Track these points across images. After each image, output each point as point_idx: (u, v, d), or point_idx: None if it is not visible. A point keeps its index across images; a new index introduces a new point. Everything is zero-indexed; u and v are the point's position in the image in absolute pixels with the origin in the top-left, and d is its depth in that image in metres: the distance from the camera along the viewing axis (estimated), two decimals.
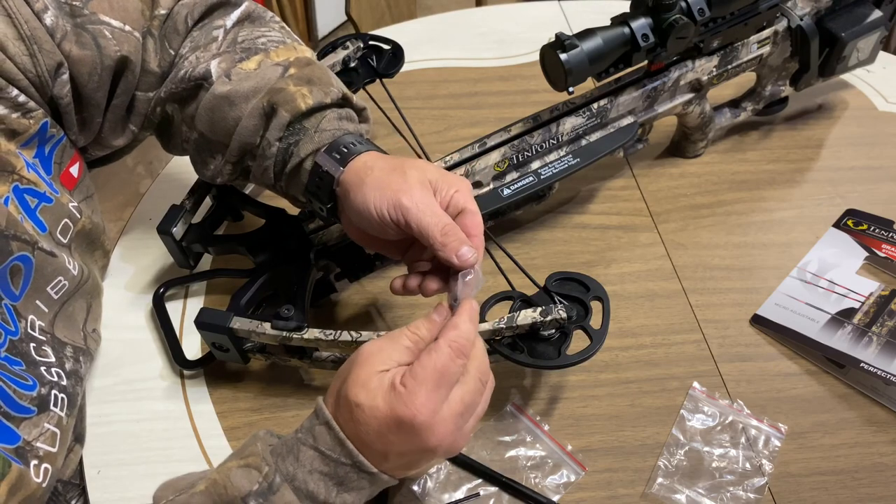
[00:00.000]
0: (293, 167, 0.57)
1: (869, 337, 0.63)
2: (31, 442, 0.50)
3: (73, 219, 0.61)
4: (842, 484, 0.56)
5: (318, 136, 0.56)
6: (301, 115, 0.56)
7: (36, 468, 0.49)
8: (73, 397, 0.55)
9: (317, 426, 0.46)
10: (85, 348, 0.60)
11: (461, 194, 0.53)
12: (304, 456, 0.46)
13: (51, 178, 0.59)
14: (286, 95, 0.56)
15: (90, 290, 0.63)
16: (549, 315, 0.54)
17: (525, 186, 0.69)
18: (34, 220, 0.56)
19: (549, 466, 0.57)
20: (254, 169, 0.60)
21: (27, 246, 0.53)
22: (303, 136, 0.56)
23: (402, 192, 0.51)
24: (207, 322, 0.58)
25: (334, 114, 0.58)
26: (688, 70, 0.73)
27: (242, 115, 0.57)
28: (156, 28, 0.61)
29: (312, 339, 0.56)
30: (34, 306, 0.55)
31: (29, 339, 0.53)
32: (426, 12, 1.16)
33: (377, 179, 0.52)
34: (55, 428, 0.52)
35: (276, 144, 0.57)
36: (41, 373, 0.53)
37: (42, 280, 0.55)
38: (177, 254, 0.68)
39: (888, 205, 0.76)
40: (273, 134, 0.56)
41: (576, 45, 0.64)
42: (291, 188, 0.59)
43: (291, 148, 0.57)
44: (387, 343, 0.47)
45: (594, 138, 0.72)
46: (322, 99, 0.57)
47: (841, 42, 0.76)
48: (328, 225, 0.66)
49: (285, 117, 0.56)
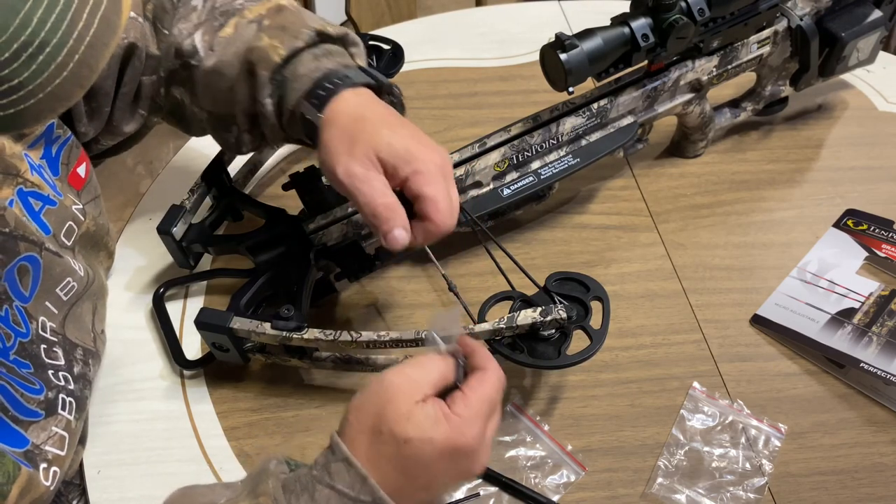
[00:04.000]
0: (288, 121, 0.57)
1: (869, 337, 0.63)
2: (40, 445, 0.50)
3: (77, 221, 0.61)
4: (842, 484, 0.56)
5: (298, 83, 0.56)
6: (278, 67, 0.56)
7: (45, 471, 0.49)
8: (81, 401, 0.55)
9: (333, 463, 0.44)
10: (94, 350, 0.60)
11: (420, 177, 0.51)
12: (320, 495, 0.43)
13: (57, 180, 0.59)
14: (260, 52, 0.56)
15: (96, 292, 0.63)
16: (549, 315, 0.54)
17: (525, 186, 0.69)
18: (38, 223, 0.56)
19: (549, 466, 0.57)
20: (267, 132, 0.60)
21: (34, 247, 0.53)
22: (286, 89, 0.56)
23: (339, 165, 0.51)
24: (207, 322, 0.58)
25: (309, 55, 0.57)
26: (688, 70, 0.73)
27: (232, 83, 0.58)
28: (149, 11, 0.60)
29: (312, 339, 0.56)
30: (44, 308, 0.55)
31: (40, 341, 0.53)
32: (426, 12, 1.16)
33: (327, 144, 0.52)
34: (63, 431, 0.52)
35: (269, 102, 0.57)
36: (48, 377, 0.53)
37: (51, 281, 0.55)
38: (177, 254, 0.68)
39: (888, 205, 0.76)
40: (263, 94, 0.57)
41: (576, 45, 0.64)
42: (297, 133, 0.59)
43: (282, 102, 0.57)
44: (414, 371, 0.46)
45: (594, 138, 0.72)
46: (294, 44, 0.56)
47: (841, 42, 0.76)
48: (328, 225, 0.66)
49: (265, 75, 0.56)
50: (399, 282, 0.71)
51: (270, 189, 0.81)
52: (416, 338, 0.55)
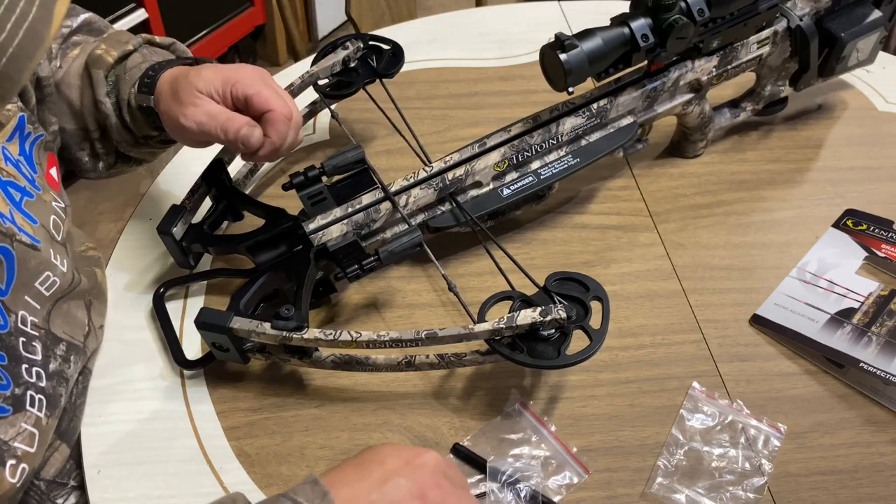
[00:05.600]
0: (128, 112, 0.65)
1: (868, 337, 0.63)
2: (8, 442, 0.50)
3: (61, 217, 0.61)
4: (841, 484, 0.56)
5: (129, 75, 0.65)
6: (111, 66, 0.65)
7: (13, 468, 0.49)
8: (53, 398, 0.55)
9: (300, 485, 0.46)
10: (81, 346, 0.60)
11: (240, 86, 0.60)
12: None
13: (37, 177, 0.60)
14: (95, 57, 0.66)
15: (89, 290, 0.63)
16: (549, 315, 0.54)
17: (525, 186, 0.69)
18: (23, 214, 0.56)
19: (553, 467, 0.57)
20: (113, 134, 0.67)
21: (5, 238, 0.53)
22: (120, 84, 0.65)
23: (179, 117, 0.60)
24: (207, 322, 0.58)
25: (138, 55, 0.67)
26: (687, 70, 0.73)
27: (79, 92, 0.66)
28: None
29: (312, 339, 0.56)
30: (24, 302, 0.55)
31: (19, 334, 0.53)
32: (426, 12, 1.16)
33: (164, 112, 0.61)
34: (33, 428, 0.52)
35: (107, 100, 0.66)
36: (20, 371, 0.53)
37: (27, 274, 0.55)
38: (177, 254, 0.68)
39: (888, 205, 0.76)
40: (101, 92, 0.65)
41: (575, 46, 0.64)
42: (141, 129, 0.67)
43: (119, 100, 0.65)
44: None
45: (594, 138, 0.72)
46: (124, 48, 0.66)
47: (840, 42, 0.76)
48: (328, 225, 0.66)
49: (100, 73, 0.65)
50: (399, 282, 0.71)
51: (270, 189, 0.81)
52: (415, 338, 0.55)
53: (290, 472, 0.58)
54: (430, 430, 0.60)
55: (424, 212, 0.68)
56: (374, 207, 0.65)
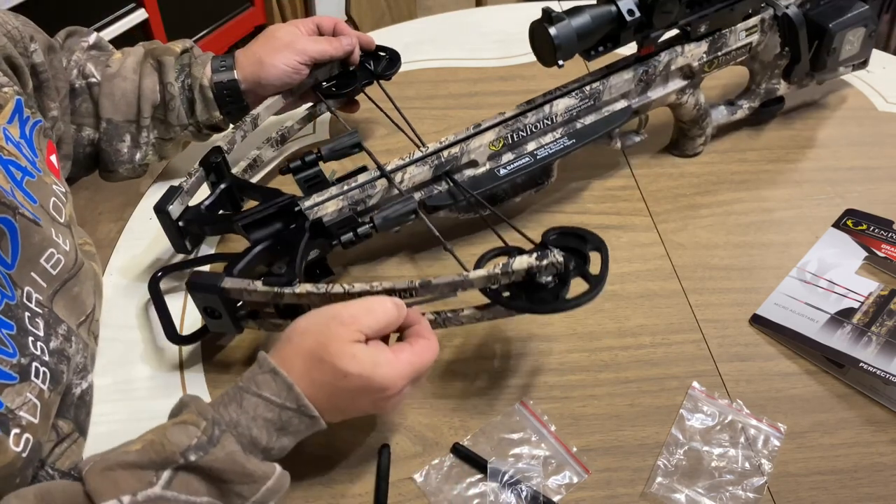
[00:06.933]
0: (199, 92, 0.73)
1: (868, 337, 0.63)
2: (14, 410, 0.50)
3: (61, 200, 0.61)
4: (841, 483, 0.56)
5: (200, 60, 0.74)
6: (180, 54, 0.74)
7: (17, 437, 0.49)
8: (56, 374, 0.55)
9: (259, 375, 0.48)
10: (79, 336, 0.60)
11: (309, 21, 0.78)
12: (248, 403, 0.48)
13: (38, 161, 0.60)
14: (162, 49, 0.75)
15: (92, 278, 0.63)
16: (546, 259, 0.52)
17: (522, 166, 0.69)
18: (24, 192, 0.56)
19: (553, 467, 0.57)
20: (169, 117, 0.73)
21: (8, 209, 0.53)
22: (191, 66, 0.74)
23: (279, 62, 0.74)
24: (199, 282, 0.57)
25: (197, 49, 0.77)
26: (677, 55, 0.73)
27: (136, 82, 0.72)
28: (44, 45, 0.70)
29: (305, 294, 0.55)
30: (30, 278, 0.55)
31: (24, 308, 0.53)
32: (426, 12, 1.16)
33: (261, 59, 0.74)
34: (36, 399, 0.52)
35: (176, 84, 0.73)
36: (26, 342, 0.53)
37: (31, 249, 0.55)
38: (174, 236, 0.68)
39: (888, 205, 0.76)
40: (170, 77, 0.73)
41: (563, 19, 0.64)
42: (204, 113, 0.74)
43: (187, 79, 0.73)
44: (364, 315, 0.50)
45: (588, 121, 0.72)
46: (183, 44, 0.76)
47: (829, 33, 0.77)
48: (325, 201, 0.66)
49: (171, 60, 0.73)
50: (397, 269, 0.71)
51: (271, 185, 0.81)
52: (409, 287, 0.54)
53: (289, 471, 0.57)
54: (430, 429, 0.60)
55: (420, 190, 0.68)
56: (370, 184, 0.65)
